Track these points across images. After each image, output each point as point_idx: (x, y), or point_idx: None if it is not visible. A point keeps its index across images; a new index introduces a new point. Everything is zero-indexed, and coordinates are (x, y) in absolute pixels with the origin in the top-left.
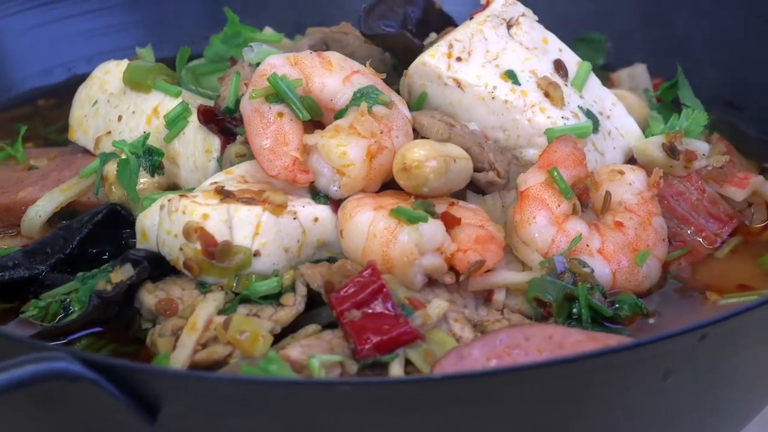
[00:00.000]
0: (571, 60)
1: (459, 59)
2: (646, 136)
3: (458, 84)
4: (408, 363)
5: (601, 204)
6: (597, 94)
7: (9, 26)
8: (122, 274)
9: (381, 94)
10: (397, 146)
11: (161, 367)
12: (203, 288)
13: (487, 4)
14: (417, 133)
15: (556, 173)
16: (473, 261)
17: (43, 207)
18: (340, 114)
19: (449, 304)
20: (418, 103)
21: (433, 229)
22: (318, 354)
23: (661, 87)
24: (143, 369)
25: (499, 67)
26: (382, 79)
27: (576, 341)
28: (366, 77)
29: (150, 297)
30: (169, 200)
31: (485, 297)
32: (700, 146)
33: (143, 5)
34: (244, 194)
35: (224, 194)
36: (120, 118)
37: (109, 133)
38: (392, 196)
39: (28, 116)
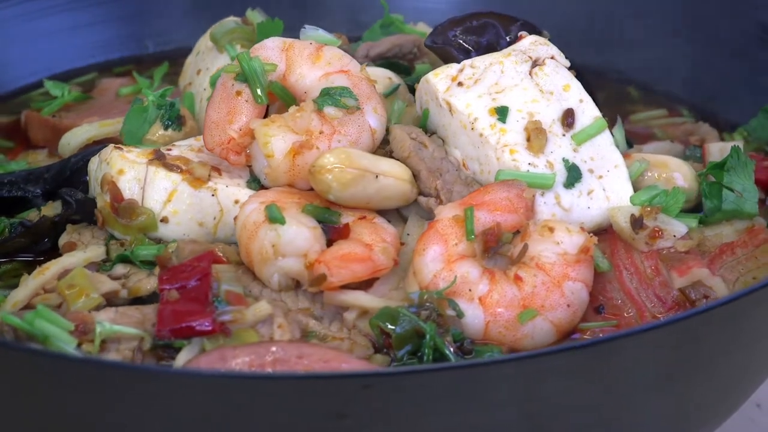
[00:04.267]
0: (589, 113)
1: (460, 84)
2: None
3: (449, 108)
4: None
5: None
6: (600, 153)
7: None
8: (52, 209)
9: (346, 97)
10: None
11: None
12: (109, 240)
13: (520, 38)
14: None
15: (468, 213)
16: (316, 274)
17: (75, 135)
18: None
19: (273, 308)
20: (422, 119)
21: (293, 233)
22: (124, 324)
23: (709, 165)
24: None
25: (495, 101)
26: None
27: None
28: (349, 78)
29: (63, 237)
30: (107, 149)
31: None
32: (676, 227)
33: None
34: (176, 161)
35: (157, 156)
36: (199, 72)
37: (190, 84)
38: (315, 198)
39: None
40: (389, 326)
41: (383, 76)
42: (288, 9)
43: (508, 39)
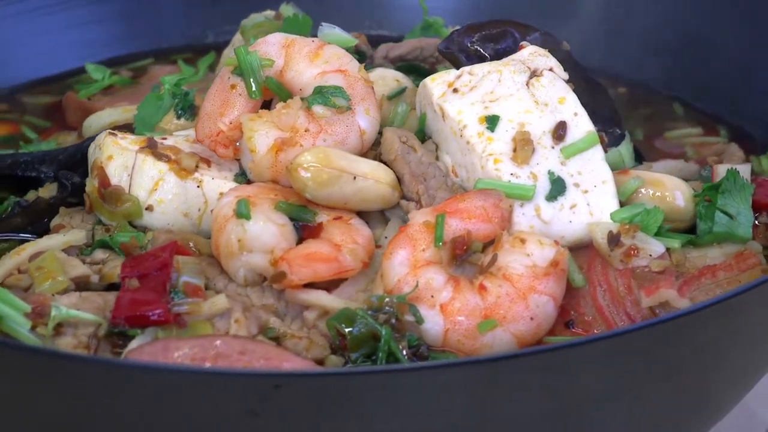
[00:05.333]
0: (582, 127)
1: (456, 90)
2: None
3: (442, 113)
4: None
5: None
6: (588, 168)
7: None
8: (49, 191)
9: (338, 96)
10: None
11: None
12: (96, 224)
13: (520, 48)
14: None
15: (439, 219)
16: (277, 271)
17: (98, 118)
18: None
19: (231, 303)
20: (419, 123)
21: (259, 229)
22: (85, 310)
23: (704, 186)
24: None
25: (487, 109)
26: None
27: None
28: (345, 78)
29: (56, 219)
30: (101, 134)
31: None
32: (654, 246)
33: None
34: (166, 150)
35: (149, 144)
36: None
37: None
38: (296, 195)
39: None
40: (345, 328)
41: (391, 78)
42: (325, 6)
43: None
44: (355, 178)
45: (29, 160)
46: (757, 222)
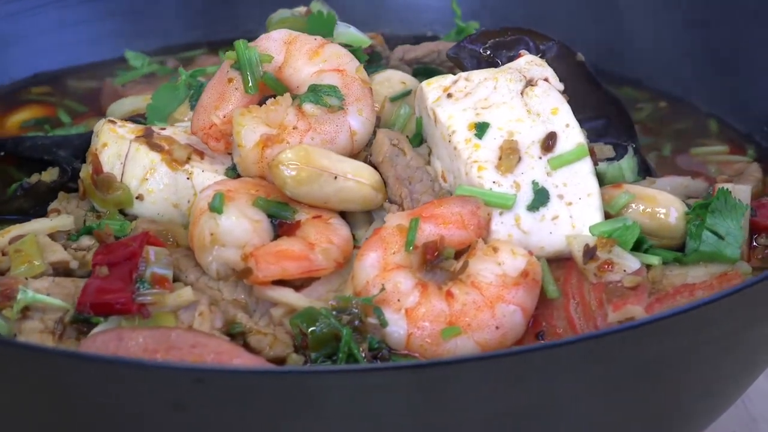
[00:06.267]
0: (572, 139)
1: (450, 95)
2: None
3: (435, 118)
4: None
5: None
6: (575, 180)
7: None
8: (50, 175)
9: (331, 96)
10: None
11: None
12: (91, 211)
13: (519, 57)
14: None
15: (413, 223)
16: (244, 267)
17: (120, 105)
18: None
19: (198, 296)
20: (417, 126)
21: (231, 224)
22: (56, 295)
23: (694, 205)
24: None
25: (479, 116)
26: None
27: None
28: (342, 78)
29: (53, 203)
30: (100, 121)
31: None
32: (629, 262)
33: None
34: (161, 140)
35: (146, 133)
36: None
37: None
38: (279, 191)
39: None
40: (306, 327)
41: (397, 80)
42: (361, 5)
43: (538, 57)
44: (336, 177)
45: (47, 144)
46: (755, 243)
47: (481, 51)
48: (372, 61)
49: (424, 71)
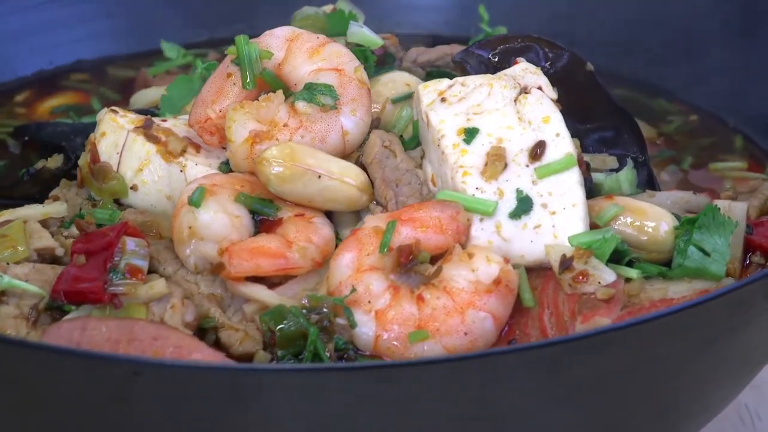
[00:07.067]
0: (561, 149)
1: (444, 100)
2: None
3: (427, 122)
4: None
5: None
6: (561, 190)
7: None
8: (55, 162)
9: (325, 95)
10: None
11: None
12: (88, 199)
13: (514, 64)
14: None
15: (389, 225)
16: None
17: (141, 96)
18: None
19: (171, 288)
20: (413, 129)
21: (209, 218)
22: (35, 281)
23: (683, 220)
24: None
25: (469, 121)
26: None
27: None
28: (340, 77)
29: (55, 190)
30: (103, 110)
31: None
32: (605, 274)
33: None
34: (159, 132)
35: (145, 125)
36: None
37: None
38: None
39: None
40: (275, 324)
41: (402, 82)
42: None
43: (547, 65)
44: (320, 176)
45: (66, 131)
46: (749, 261)
47: (490, 57)
48: (385, 62)
49: (437, 74)
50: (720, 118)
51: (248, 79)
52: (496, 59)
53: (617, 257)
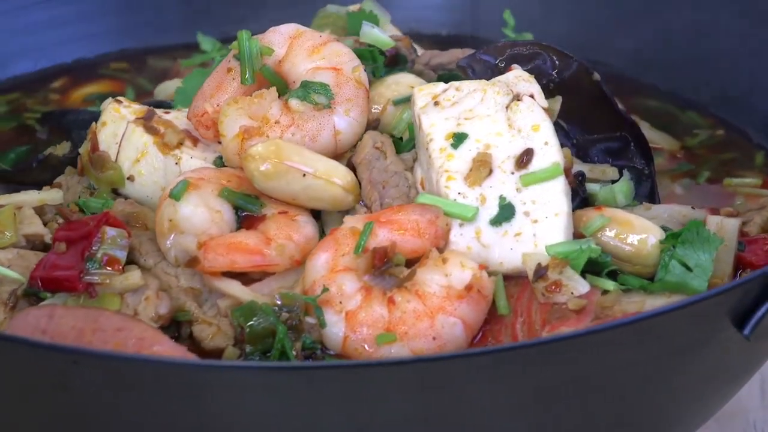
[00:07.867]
0: (549, 158)
1: (437, 103)
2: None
3: (419, 125)
4: None
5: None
6: (545, 198)
7: None
8: (63, 149)
9: (319, 93)
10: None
11: None
12: (87, 187)
13: (509, 70)
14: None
15: (366, 227)
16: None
17: (165, 87)
18: None
19: (147, 280)
20: (409, 130)
21: (189, 212)
22: (17, 266)
23: (667, 234)
24: None
25: (459, 126)
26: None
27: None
28: (337, 77)
29: (59, 178)
30: (107, 100)
31: None
32: (579, 285)
33: None
34: (159, 124)
35: (146, 116)
36: None
37: None
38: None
39: None
40: (244, 321)
41: (405, 84)
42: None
43: (554, 74)
44: (304, 175)
45: (86, 119)
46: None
47: (497, 63)
48: (397, 63)
49: (448, 77)
50: (746, 134)
51: (247, 75)
52: (503, 65)
53: (597, 268)
